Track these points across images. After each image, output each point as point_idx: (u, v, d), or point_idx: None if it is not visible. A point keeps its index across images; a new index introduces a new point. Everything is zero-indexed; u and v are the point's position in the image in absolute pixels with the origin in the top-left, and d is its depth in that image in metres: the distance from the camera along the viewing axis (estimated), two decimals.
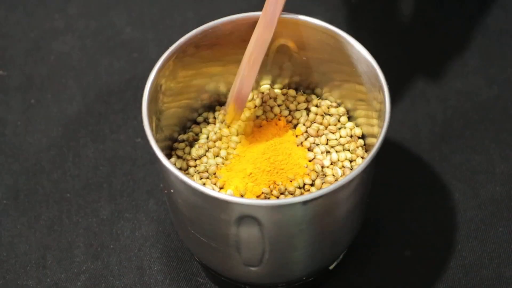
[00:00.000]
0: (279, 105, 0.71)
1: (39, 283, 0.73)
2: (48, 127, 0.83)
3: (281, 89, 0.73)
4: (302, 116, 0.71)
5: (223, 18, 0.68)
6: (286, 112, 0.71)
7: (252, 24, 0.68)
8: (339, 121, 0.71)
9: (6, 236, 0.76)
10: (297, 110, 0.71)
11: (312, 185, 0.67)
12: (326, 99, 0.72)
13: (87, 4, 0.94)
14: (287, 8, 0.69)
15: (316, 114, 0.71)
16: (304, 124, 0.70)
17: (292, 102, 0.72)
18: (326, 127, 0.70)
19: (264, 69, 0.72)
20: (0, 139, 0.82)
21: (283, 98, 0.72)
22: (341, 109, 0.71)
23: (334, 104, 0.72)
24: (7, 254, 0.75)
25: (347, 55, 0.67)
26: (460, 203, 0.77)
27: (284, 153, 0.67)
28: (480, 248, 0.74)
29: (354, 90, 0.69)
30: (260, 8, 0.69)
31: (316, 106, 0.72)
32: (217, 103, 0.73)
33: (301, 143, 0.69)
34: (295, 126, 0.70)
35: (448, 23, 0.91)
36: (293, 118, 0.71)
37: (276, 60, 0.71)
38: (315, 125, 0.70)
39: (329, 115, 0.71)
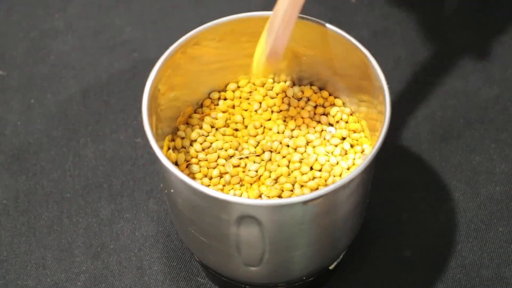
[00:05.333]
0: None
1: (39, 283, 0.73)
2: (48, 127, 0.83)
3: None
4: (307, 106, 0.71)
5: (223, 18, 0.68)
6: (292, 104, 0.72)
7: (252, 24, 0.68)
8: (346, 122, 0.71)
9: (6, 236, 0.76)
10: (300, 99, 0.72)
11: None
12: (326, 98, 0.72)
13: (87, 4, 0.94)
14: None
15: (322, 106, 0.72)
16: (309, 117, 0.71)
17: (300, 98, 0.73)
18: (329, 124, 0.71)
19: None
20: (0, 139, 0.82)
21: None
22: (346, 110, 0.71)
23: (339, 102, 0.72)
24: (7, 254, 0.75)
25: (347, 55, 0.67)
26: (460, 203, 0.77)
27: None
28: (480, 248, 0.74)
29: (355, 90, 0.69)
30: (260, 8, 0.69)
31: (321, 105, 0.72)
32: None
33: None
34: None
35: (448, 23, 0.91)
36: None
37: None
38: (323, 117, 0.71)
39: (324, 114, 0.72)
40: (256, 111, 0.72)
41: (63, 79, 0.87)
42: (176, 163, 0.68)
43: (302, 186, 0.67)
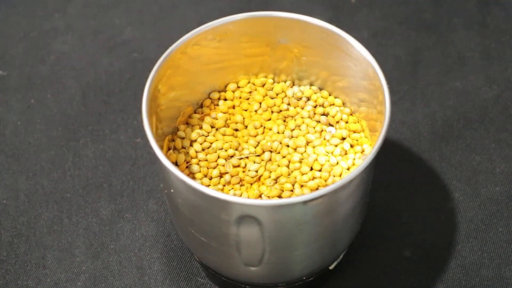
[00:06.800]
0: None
1: (39, 283, 0.73)
2: (48, 127, 0.83)
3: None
4: (306, 106, 0.71)
5: (223, 18, 0.68)
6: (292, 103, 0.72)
7: (252, 24, 0.68)
8: (346, 122, 0.71)
9: (6, 236, 0.76)
10: (300, 99, 0.72)
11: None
12: (326, 98, 0.72)
13: (87, 4, 0.94)
14: (287, 8, 0.69)
15: (322, 106, 0.72)
16: (309, 117, 0.71)
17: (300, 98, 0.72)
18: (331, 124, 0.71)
19: (264, 69, 0.72)
20: (0, 139, 0.82)
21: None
22: (346, 110, 0.71)
23: (339, 102, 0.72)
24: (7, 254, 0.75)
25: (347, 55, 0.67)
26: (460, 203, 0.77)
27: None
28: (480, 248, 0.74)
29: (355, 90, 0.69)
30: (260, 8, 0.69)
31: (321, 105, 0.72)
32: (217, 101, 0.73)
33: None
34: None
35: (448, 23, 0.91)
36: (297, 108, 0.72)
37: (276, 60, 0.71)
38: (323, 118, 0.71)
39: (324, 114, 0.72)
40: (256, 111, 0.72)
41: (63, 79, 0.87)
42: (176, 163, 0.68)
43: (302, 186, 0.67)
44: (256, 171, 0.68)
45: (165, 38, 0.89)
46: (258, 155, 0.69)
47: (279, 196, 0.66)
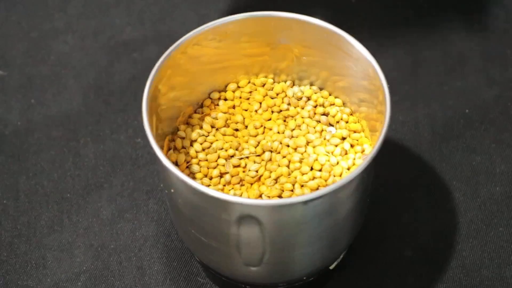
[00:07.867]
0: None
1: (39, 283, 0.73)
2: (48, 127, 0.83)
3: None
4: (306, 106, 0.71)
5: (223, 18, 0.68)
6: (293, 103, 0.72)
7: (252, 24, 0.68)
8: (346, 122, 0.71)
9: (6, 236, 0.76)
10: (300, 99, 0.72)
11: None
12: (326, 98, 0.72)
13: (87, 4, 0.94)
14: (287, 8, 0.69)
15: (322, 106, 0.72)
16: (309, 117, 0.71)
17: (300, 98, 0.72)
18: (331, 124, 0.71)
19: (265, 69, 0.72)
20: (0, 139, 0.82)
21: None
22: (346, 109, 0.71)
23: (339, 102, 0.72)
24: (7, 254, 0.75)
25: (347, 55, 0.67)
26: (460, 203, 0.77)
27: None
28: (480, 248, 0.74)
29: (355, 90, 0.69)
30: (259, 8, 0.69)
31: (321, 105, 0.72)
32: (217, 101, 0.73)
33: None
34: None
35: (448, 23, 0.91)
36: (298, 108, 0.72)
37: (276, 60, 0.71)
38: (323, 117, 0.71)
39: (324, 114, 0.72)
40: (256, 111, 0.72)
41: (63, 79, 0.87)
42: (176, 163, 0.68)
43: (302, 186, 0.67)
44: (256, 171, 0.68)
45: (165, 38, 0.89)
46: (258, 155, 0.69)
47: (279, 196, 0.66)
